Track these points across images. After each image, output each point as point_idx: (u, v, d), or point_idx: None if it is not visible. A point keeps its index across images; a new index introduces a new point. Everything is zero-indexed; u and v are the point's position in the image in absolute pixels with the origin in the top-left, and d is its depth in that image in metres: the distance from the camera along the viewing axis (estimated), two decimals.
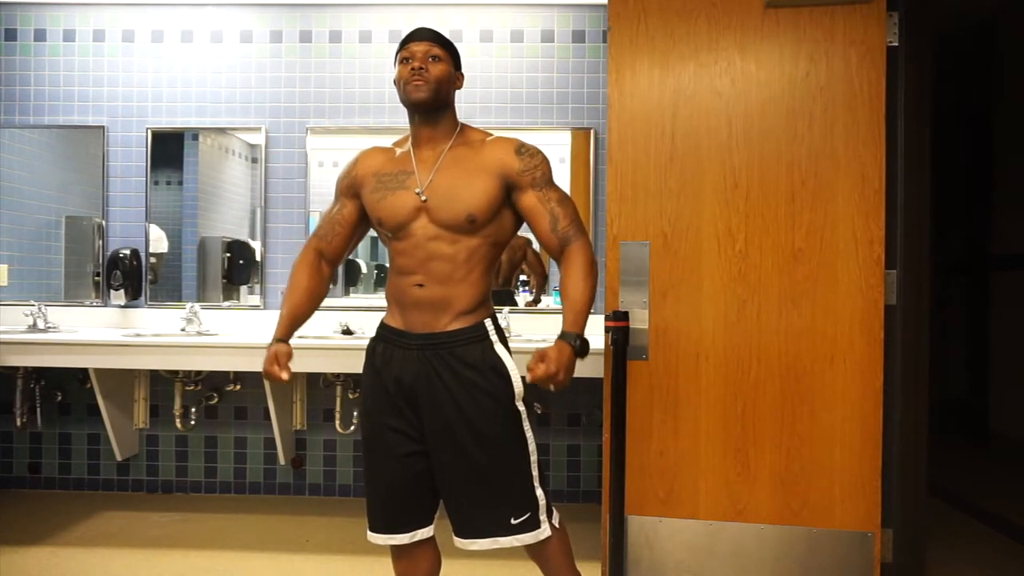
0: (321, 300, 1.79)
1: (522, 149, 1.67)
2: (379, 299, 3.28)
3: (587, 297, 1.63)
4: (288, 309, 1.73)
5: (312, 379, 3.25)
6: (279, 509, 3.20)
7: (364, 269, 3.43)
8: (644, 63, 2.31)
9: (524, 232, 2.01)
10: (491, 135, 1.71)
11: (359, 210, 1.75)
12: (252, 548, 2.75)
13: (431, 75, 1.63)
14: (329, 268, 1.79)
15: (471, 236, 1.63)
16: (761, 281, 2.25)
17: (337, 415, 3.20)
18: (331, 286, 1.85)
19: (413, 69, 1.63)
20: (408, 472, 1.67)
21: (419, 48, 1.65)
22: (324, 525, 3.00)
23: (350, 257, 3.33)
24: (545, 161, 1.68)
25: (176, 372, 3.17)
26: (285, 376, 1.65)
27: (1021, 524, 2.99)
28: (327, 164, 3.34)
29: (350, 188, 1.75)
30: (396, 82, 1.68)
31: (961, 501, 3.30)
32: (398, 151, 1.73)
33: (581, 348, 1.59)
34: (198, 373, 3.20)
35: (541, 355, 1.54)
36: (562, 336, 1.59)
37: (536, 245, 3.18)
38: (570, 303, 1.63)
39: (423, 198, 1.63)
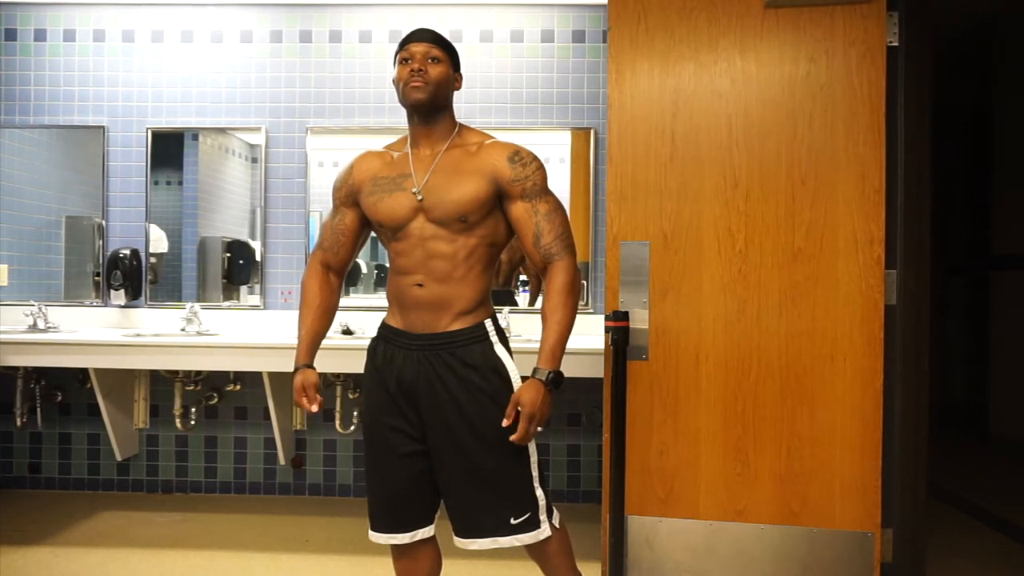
0: (334, 314, 1.81)
1: (515, 156, 1.65)
2: (379, 299, 3.28)
3: (564, 327, 1.62)
4: (306, 332, 1.74)
5: None
6: (279, 509, 3.20)
7: (364, 269, 3.43)
8: (644, 63, 2.31)
9: None
10: (490, 138, 1.71)
11: (360, 217, 1.75)
12: (252, 548, 2.76)
13: (430, 77, 1.63)
14: (337, 279, 1.80)
15: (468, 235, 1.63)
16: (761, 281, 2.25)
17: (337, 415, 3.20)
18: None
19: (412, 71, 1.63)
20: (409, 471, 1.67)
21: (418, 49, 1.65)
22: (324, 525, 3.00)
23: None
24: (539, 170, 1.66)
25: (176, 372, 3.17)
26: (315, 409, 1.69)
27: (1021, 524, 2.99)
28: (327, 164, 3.34)
29: (349, 197, 1.74)
30: (395, 82, 1.68)
31: (961, 501, 3.30)
32: (395, 154, 1.72)
33: (554, 382, 1.60)
34: (198, 373, 3.20)
35: (516, 401, 1.57)
36: (535, 372, 1.60)
37: None
38: (546, 335, 1.63)
39: (419, 197, 1.63)
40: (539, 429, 1.59)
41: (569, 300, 1.63)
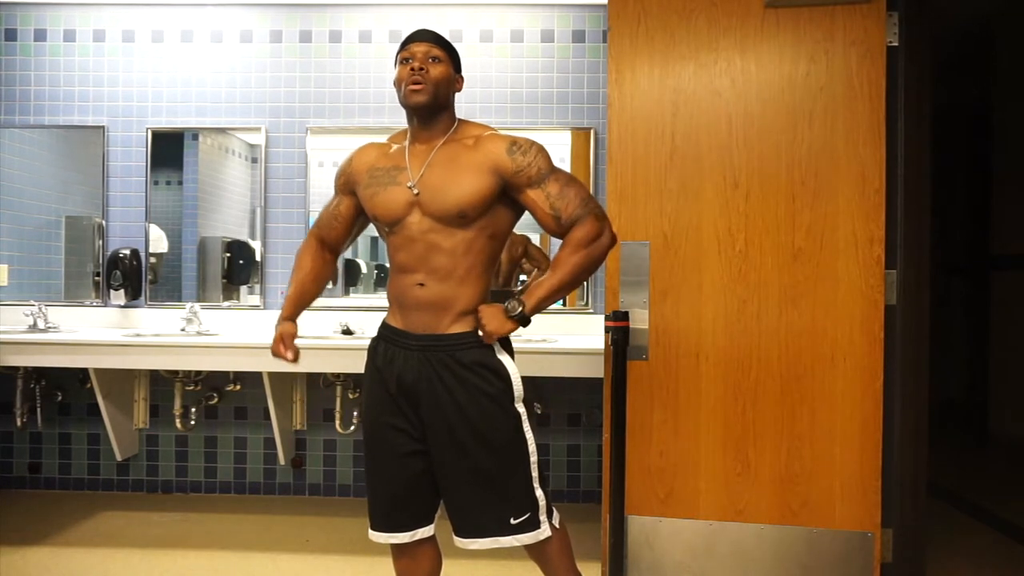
0: (326, 283, 1.84)
1: (513, 148, 1.64)
2: (379, 299, 3.28)
3: (560, 282, 1.62)
4: (295, 289, 1.79)
5: (312, 379, 3.25)
6: (279, 509, 3.20)
7: (364, 269, 3.43)
8: (644, 63, 2.31)
9: (521, 229, 1.96)
10: (488, 130, 1.70)
11: (356, 206, 1.77)
12: (252, 548, 2.75)
13: (430, 77, 1.63)
14: (331, 255, 1.84)
15: (466, 229, 1.63)
16: (761, 281, 2.25)
17: (337, 415, 3.20)
18: (331, 285, 1.87)
19: (413, 70, 1.63)
20: (409, 471, 1.67)
21: (419, 49, 1.65)
22: (324, 525, 3.00)
23: (350, 257, 3.34)
24: (539, 154, 1.64)
25: (176, 372, 3.17)
26: (290, 356, 1.73)
27: (1021, 524, 2.99)
28: (327, 164, 3.34)
29: (346, 185, 1.77)
30: (396, 83, 1.68)
31: (961, 501, 3.30)
32: (393, 147, 1.73)
33: (517, 318, 1.62)
34: (198, 373, 3.20)
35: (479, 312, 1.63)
36: (507, 302, 1.64)
37: (536, 239, 3.18)
38: (541, 280, 1.65)
39: (415, 192, 1.63)
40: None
41: (580, 250, 1.61)
